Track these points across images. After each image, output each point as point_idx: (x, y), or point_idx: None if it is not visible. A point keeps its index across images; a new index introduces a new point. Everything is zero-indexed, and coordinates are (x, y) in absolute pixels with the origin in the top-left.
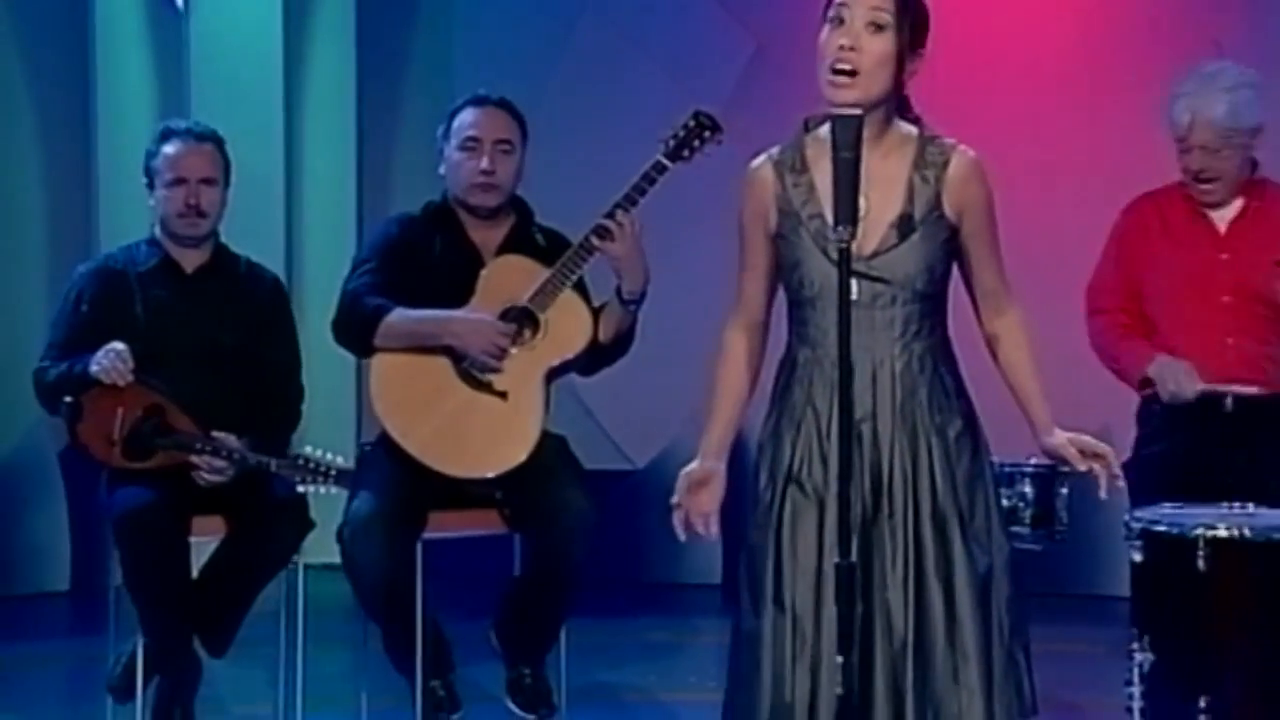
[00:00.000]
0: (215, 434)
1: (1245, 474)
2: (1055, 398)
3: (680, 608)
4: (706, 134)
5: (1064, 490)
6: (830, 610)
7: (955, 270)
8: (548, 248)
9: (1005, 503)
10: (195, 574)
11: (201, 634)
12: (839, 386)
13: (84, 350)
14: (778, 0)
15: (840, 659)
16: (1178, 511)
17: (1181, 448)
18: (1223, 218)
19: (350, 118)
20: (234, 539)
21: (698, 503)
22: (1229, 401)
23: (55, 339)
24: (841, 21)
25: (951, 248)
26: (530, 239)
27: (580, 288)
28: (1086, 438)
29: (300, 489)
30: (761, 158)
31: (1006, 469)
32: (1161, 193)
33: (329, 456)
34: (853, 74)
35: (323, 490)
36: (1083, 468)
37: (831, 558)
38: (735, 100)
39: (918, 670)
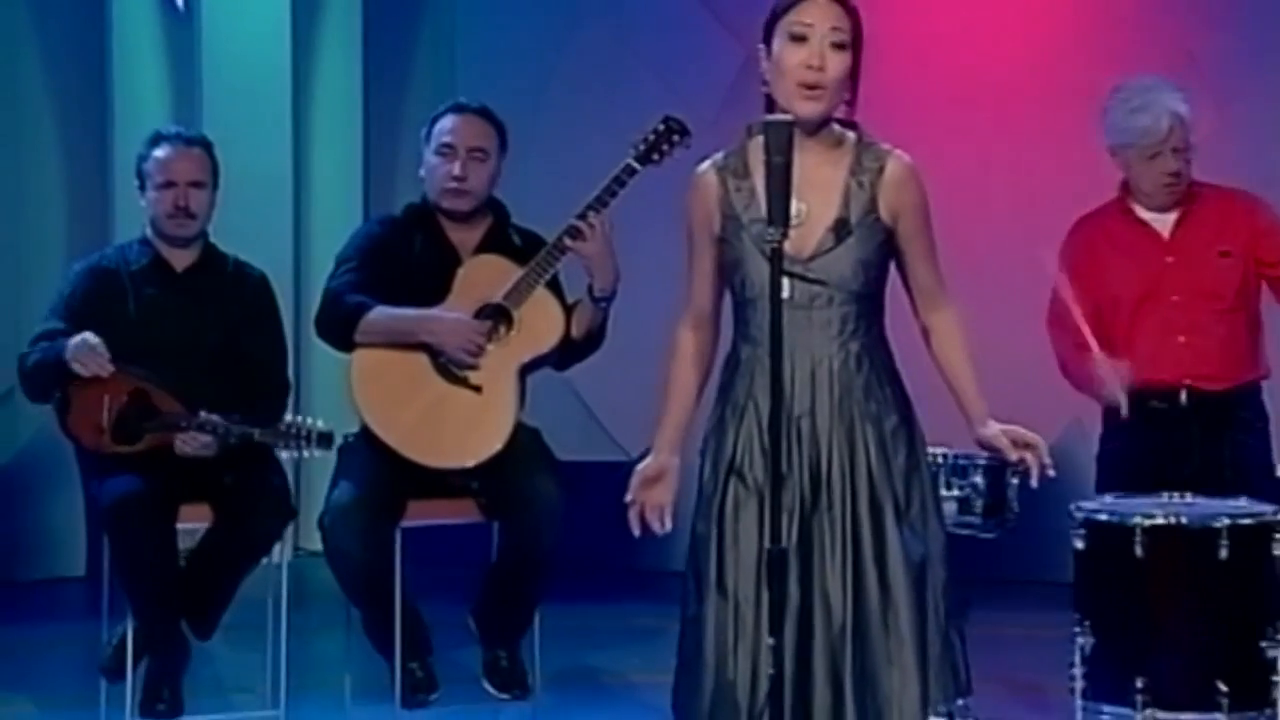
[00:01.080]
0: (201, 412)
1: (1203, 467)
2: (1025, 393)
3: (669, 594)
4: (675, 138)
5: (1014, 481)
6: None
7: (893, 270)
8: (523, 247)
9: (958, 493)
10: (183, 560)
11: (189, 617)
12: (770, 380)
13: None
14: (768, 11)
15: (771, 641)
16: (1119, 501)
17: (1142, 443)
18: (1165, 224)
19: (356, 121)
20: (219, 527)
21: (652, 497)
22: (1184, 396)
23: (45, 329)
24: (804, 39)
25: (888, 249)
26: (507, 239)
27: (554, 286)
28: (1018, 428)
29: (284, 455)
30: (706, 163)
31: (960, 461)
32: (1101, 211)
33: (308, 421)
34: (821, 90)
35: (305, 454)
36: (1014, 457)
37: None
38: (726, 107)
39: (855, 653)
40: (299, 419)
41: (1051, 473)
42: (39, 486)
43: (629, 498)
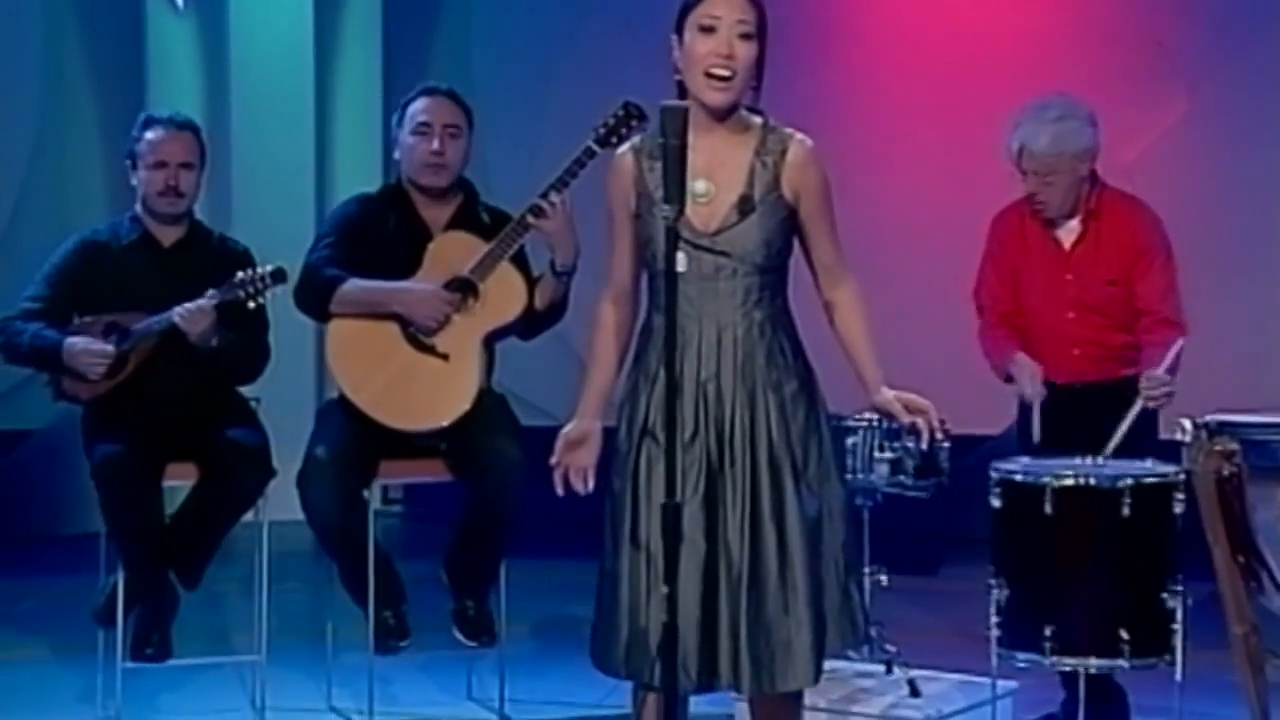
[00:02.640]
0: (175, 310)
1: (1096, 436)
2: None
3: None
4: (633, 122)
5: (946, 445)
6: (683, 549)
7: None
8: (492, 224)
9: (890, 455)
10: (170, 515)
11: (176, 569)
12: (665, 348)
13: (59, 311)
14: (772, 6)
15: (665, 589)
16: (1033, 463)
17: (1046, 416)
18: (1068, 236)
19: (376, 113)
20: (204, 484)
21: (575, 459)
22: (1078, 387)
23: (36, 294)
24: (713, 30)
25: (790, 226)
26: (476, 216)
27: (520, 260)
28: (911, 395)
29: (252, 305)
30: (625, 146)
31: (893, 426)
32: (1025, 203)
33: (260, 269)
34: (729, 78)
35: (271, 295)
36: (907, 421)
37: (681, 502)
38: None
39: (751, 601)
40: (249, 271)
41: (940, 435)
42: (73, 448)
43: (553, 460)
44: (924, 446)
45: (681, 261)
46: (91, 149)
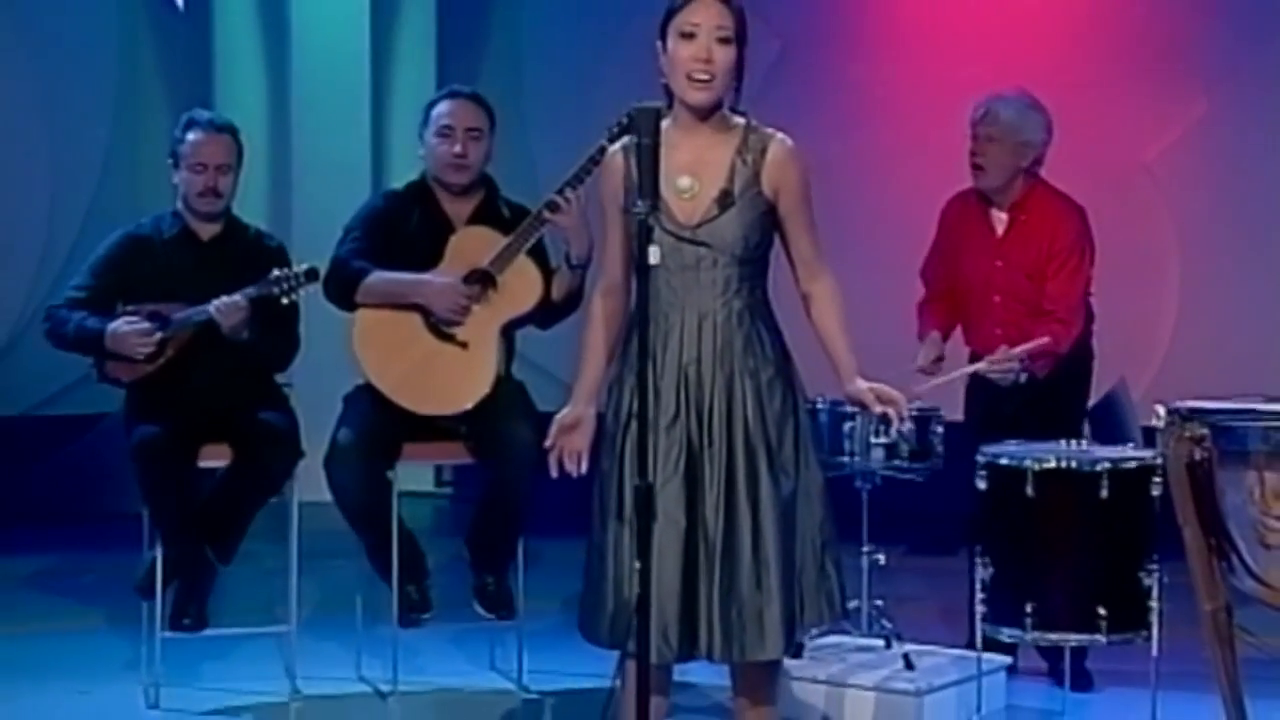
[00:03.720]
0: (212, 303)
1: (1028, 407)
2: None
3: None
4: None
5: (939, 429)
6: (664, 524)
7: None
8: (512, 219)
9: (886, 440)
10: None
11: (211, 544)
12: (639, 338)
13: (102, 300)
14: (801, 4)
15: (638, 565)
16: (1019, 447)
17: (984, 392)
18: (1000, 223)
19: None
20: (237, 465)
21: (570, 443)
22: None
23: (81, 283)
24: (694, 37)
25: (769, 221)
26: (497, 211)
27: (538, 253)
28: (883, 386)
29: (285, 301)
30: (615, 146)
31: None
32: (970, 192)
33: (295, 268)
34: (709, 81)
35: (300, 294)
36: (878, 410)
37: (662, 481)
38: (762, 96)
39: (725, 575)
40: (284, 270)
41: (908, 426)
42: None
43: (548, 443)
44: (891, 435)
45: (654, 254)
46: (162, 153)
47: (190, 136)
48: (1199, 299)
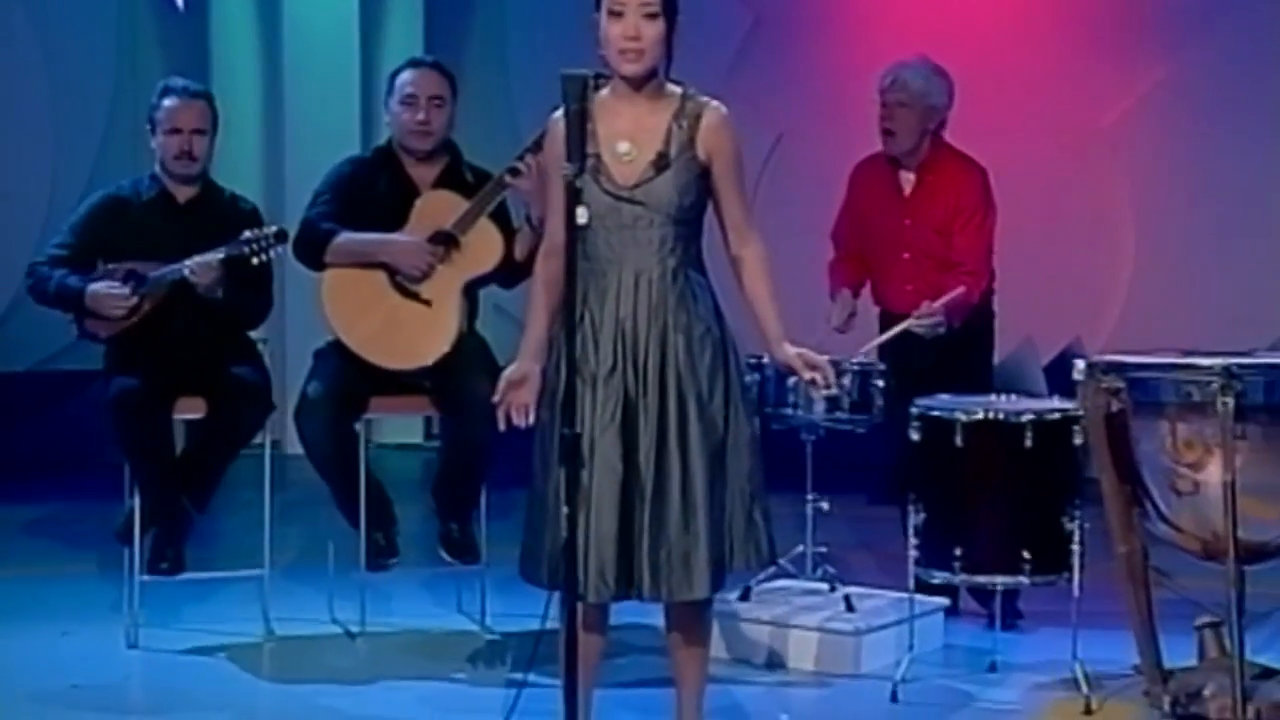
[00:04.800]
0: (186, 262)
1: (939, 362)
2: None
3: None
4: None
5: (879, 383)
6: (602, 471)
7: None
8: (475, 183)
9: (829, 392)
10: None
11: (187, 493)
12: (565, 292)
13: (82, 258)
14: None
15: (566, 510)
16: (949, 399)
17: (900, 344)
18: (908, 184)
19: None
20: (211, 417)
21: (517, 398)
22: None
23: (62, 241)
24: (621, 15)
25: (702, 185)
26: (460, 176)
27: (501, 215)
28: (808, 352)
29: (256, 261)
30: (558, 113)
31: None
32: (879, 156)
33: (266, 229)
34: (639, 54)
35: (272, 254)
36: (806, 376)
37: (600, 429)
38: (735, 68)
39: (654, 518)
40: (256, 230)
41: (835, 390)
42: None
43: (496, 398)
44: (817, 397)
45: (583, 214)
46: None
47: (166, 103)
48: (1153, 258)
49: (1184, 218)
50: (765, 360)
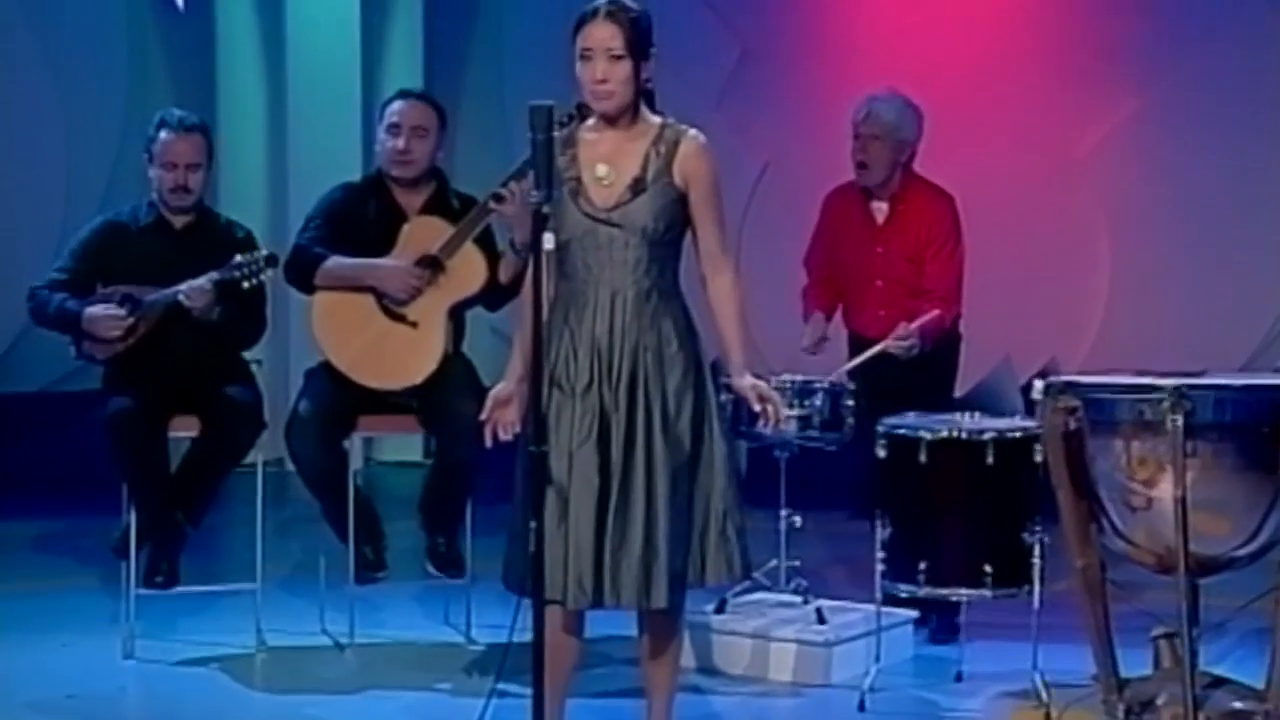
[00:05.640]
0: (180, 287)
1: (905, 384)
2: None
3: None
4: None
5: (849, 402)
6: (579, 483)
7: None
8: (461, 209)
9: (801, 411)
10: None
11: (182, 509)
12: (531, 313)
13: (82, 282)
14: (762, 8)
15: (533, 524)
16: (915, 418)
17: (870, 369)
18: (880, 213)
19: None
20: (205, 435)
21: (502, 415)
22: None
23: (63, 265)
24: (589, 58)
25: (678, 210)
26: (447, 202)
27: (486, 240)
28: (763, 385)
29: (246, 285)
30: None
31: (803, 385)
32: (852, 185)
33: (257, 253)
34: (610, 93)
35: (263, 278)
36: (757, 408)
37: (578, 444)
38: (723, 98)
39: (618, 529)
40: (246, 255)
41: (784, 425)
42: None
43: (483, 416)
44: (766, 430)
45: (549, 240)
46: None
47: (162, 136)
48: (1127, 281)
49: (1156, 242)
50: None
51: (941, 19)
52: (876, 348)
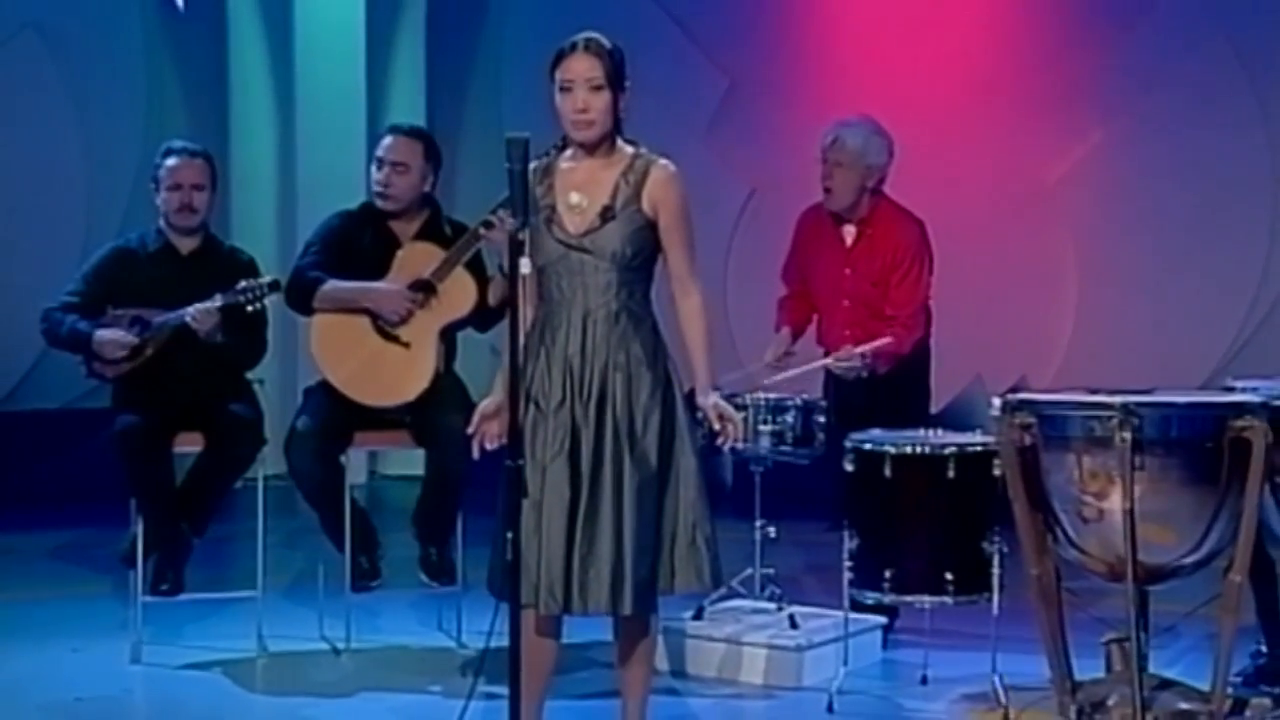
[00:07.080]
0: (186, 309)
1: (873, 402)
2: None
3: None
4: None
5: (820, 419)
6: (552, 495)
7: None
8: (453, 236)
9: (773, 427)
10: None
11: (187, 520)
12: (510, 336)
13: (92, 305)
14: (747, 44)
15: (509, 534)
16: (881, 434)
17: (843, 387)
18: (849, 236)
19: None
20: (209, 450)
21: (489, 429)
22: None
23: (74, 289)
24: (570, 90)
25: (648, 236)
26: (440, 229)
27: (476, 265)
28: (725, 405)
29: (250, 309)
30: (531, 165)
31: (775, 403)
32: (823, 206)
33: (260, 279)
34: (590, 122)
35: (269, 301)
36: (717, 427)
37: (551, 458)
38: (711, 128)
39: (586, 540)
40: (250, 281)
41: (740, 444)
42: None
43: (470, 430)
44: (725, 448)
45: (525, 265)
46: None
47: (168, 161)
48: (1094, 303)
49: (1122, 267)
50: None
51: (920, 56)
52: (817, 363)
